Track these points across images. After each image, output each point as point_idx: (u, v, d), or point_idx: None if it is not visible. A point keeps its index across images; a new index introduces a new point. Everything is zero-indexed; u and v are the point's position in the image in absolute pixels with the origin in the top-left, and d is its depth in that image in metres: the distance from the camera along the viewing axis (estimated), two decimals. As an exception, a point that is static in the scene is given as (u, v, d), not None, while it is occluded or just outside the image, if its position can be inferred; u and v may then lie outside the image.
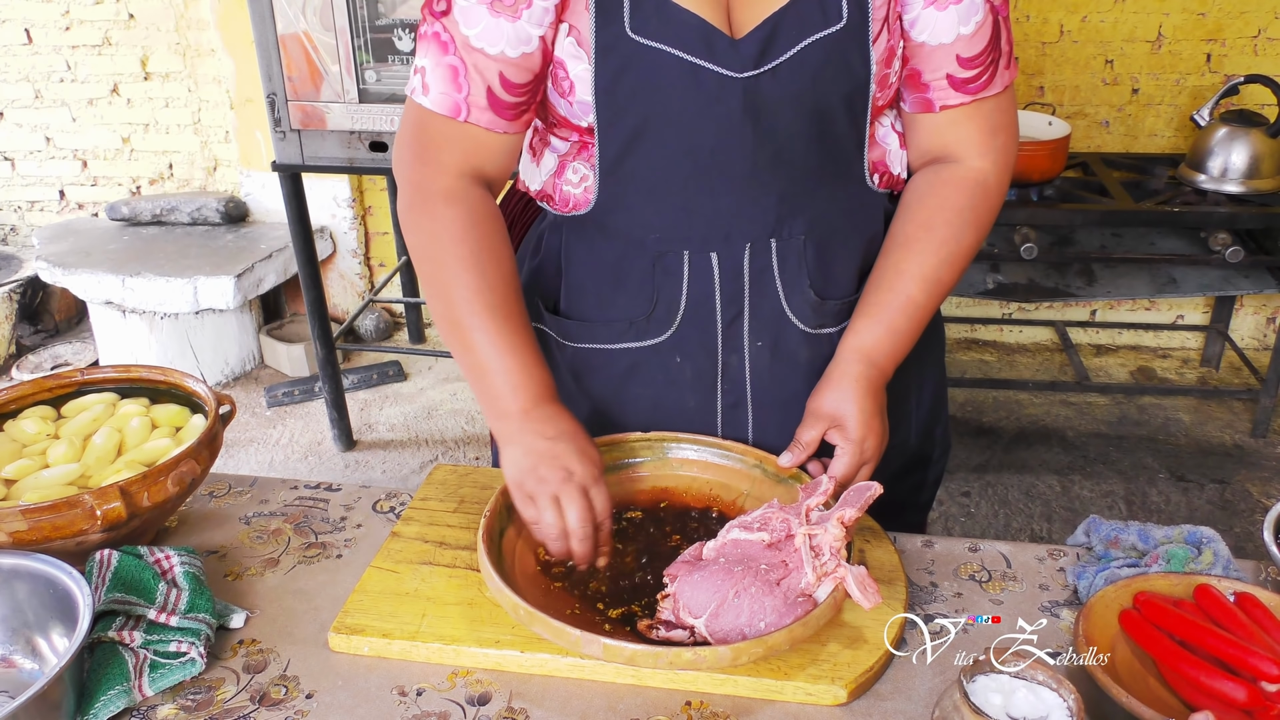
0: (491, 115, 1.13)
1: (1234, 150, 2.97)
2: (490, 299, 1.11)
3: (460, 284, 1.12)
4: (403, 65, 2.70)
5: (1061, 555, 1.16)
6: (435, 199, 1.14)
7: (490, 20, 1.08)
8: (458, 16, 1.09)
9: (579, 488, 1.07)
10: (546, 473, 1.07)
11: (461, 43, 1.10)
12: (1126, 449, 3.27)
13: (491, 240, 1.14)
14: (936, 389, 1.37)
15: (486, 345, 1.11)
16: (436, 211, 1.14)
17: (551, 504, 1.06)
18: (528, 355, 1.12)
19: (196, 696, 0.97)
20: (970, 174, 1.18)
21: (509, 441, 1.11)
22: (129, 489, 1.07)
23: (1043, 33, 3.44)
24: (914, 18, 1.12)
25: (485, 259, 1.13)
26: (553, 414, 1.12)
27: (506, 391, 1.11)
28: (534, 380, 1.12)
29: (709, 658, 0.95)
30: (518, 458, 1.09)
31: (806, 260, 1.18)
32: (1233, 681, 0.89)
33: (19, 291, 3.91)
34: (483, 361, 1.11)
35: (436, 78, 1.12)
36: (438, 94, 1.12)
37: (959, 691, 0.83)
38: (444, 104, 1.12)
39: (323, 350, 3.20)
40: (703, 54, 1.08)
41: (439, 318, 1.16)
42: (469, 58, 1.10)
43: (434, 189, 1.15)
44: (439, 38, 1.11)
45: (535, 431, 1.09)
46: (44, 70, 4.02)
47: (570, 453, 1.08)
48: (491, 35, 1.09)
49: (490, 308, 1.11)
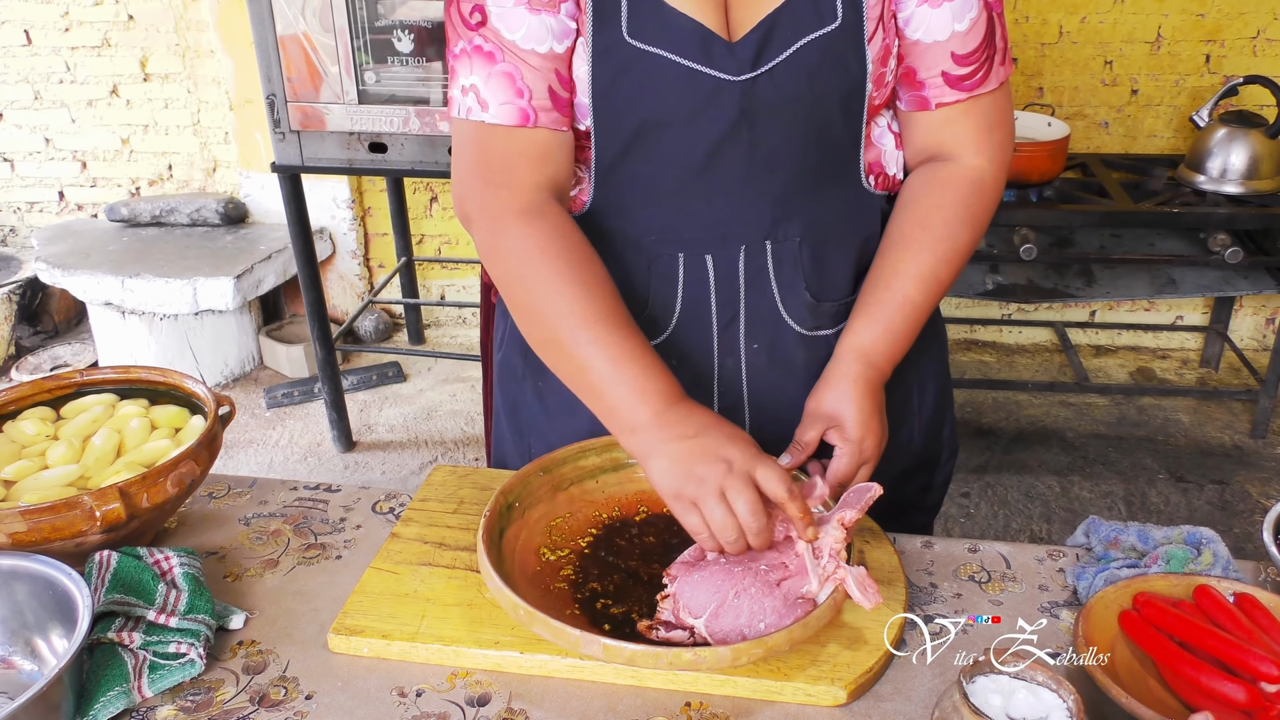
0: (556, 114, 1.10)
1: (1233, 151, 2.97)
2: (591, 309, 1.06)
3: (557, 301, 1.07)
4: (402, 66, 2.70)
5: (1061, 556, 1.16)
6: (513, 220, 1.09)
7: (533, 19, 1.07)
8: (497, 24, 1.07)
9: (742, 474, 0.98)
10: (704, 470, 0.99)
11: (510, 48, 1.07)
12: (1126, 450, 3.27)
13: (582, 250, 1.10)
14: (940, 390, 1.36)
15: (598, 357, 1.05)
16: (518, 231, 1.09)
17: (719, 501, 0.98)
18: (646, 359, 1.06)
19: (196, 698, 0.97)
20: (967, 172, 1.18)
21: (650, 455, 1.03)
22: (128, 490, 1.07)
23: (1042, 34, 3.44)
24: (908, 15, 1.12)
25: (580, 270, 1.08)
26: (687, 412, 1.05)
27: (631, 402, 1.04)
28: (657, 383, 1.05)
29: (709, 658, 0.95)
30: (666, 468, 1.01)
31: (802, 262, 1.18)
32: (1232, 682, 0.89)
33: (18, 293, 3.91)
34: (597, 377, 1.06)
35: (493, 90, 1.08)
36: (499, 105, 1.08)
37: (958, 692, 0.83)
38: (509, 115, 1.09)
39: (322, 351, 3.20)
40: (699, 58, 1.08)
41: (540, 343, 1.11)
42: (521, 61, 1.07)
43: (511, 210, 1.10)
44: (481, 50, 1.08)
45: (676, 434, 1.02)
46: (43, 71, 4.02)
47: (721, 442, 1.01)
48: (538, 33, 1.07)
49: (595, 318, 1.06)
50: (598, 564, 1.12)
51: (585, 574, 1.10)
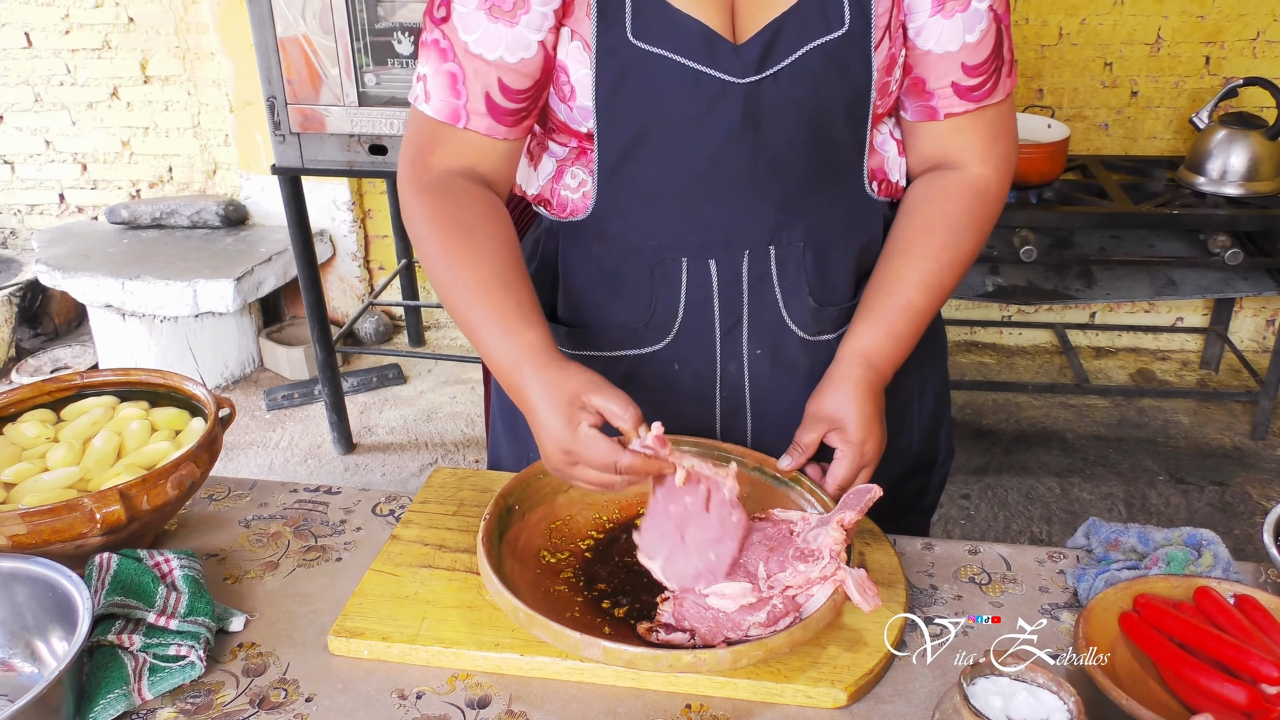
0: (490, 121, 1.13)
1: (1233, 152, 2.97)
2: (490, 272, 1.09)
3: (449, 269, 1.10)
4: (402, 69, 2.70)
5: (1061, 558, 1.16)
6: (429, 192, 1.14)
7: (489, 25, 1.08)
8: (456, 23, 1.09)
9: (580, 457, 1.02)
10: (555, 465, 1.04)
11: (460, 49, 1.10)
12: (1126, 451, 3.27)
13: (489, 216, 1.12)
14: (939, 393, 1.37)
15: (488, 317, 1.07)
16: (431, 200, 1.13)
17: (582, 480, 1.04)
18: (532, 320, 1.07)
19: (196, 700, 0.97)
20: (971, 180, 1.18)
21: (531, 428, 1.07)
22: (128, 492, 1.07)
23: (1042, 35, 3.44)
24: (919, 26, 1.12)
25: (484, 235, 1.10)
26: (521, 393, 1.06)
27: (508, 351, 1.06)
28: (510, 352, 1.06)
29: (709, 660, 0.95)
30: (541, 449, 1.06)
31: (805, 267, 1.18)
32: (1233, 684, 0.89)
33: (19, 295, 3.91)
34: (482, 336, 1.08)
35: (436, 85, 1.12)
36: (437, 100, 1.12)
37: (959, 694, 0.83)
38: (443, 110, 1.13)
39: (322, 353, 3.20)
40: (704, 59, 1.08)
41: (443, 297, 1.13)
42: (468, 64, 1.10)
43: (425, 182, 1.14)
44: (438, 45, 1.11)
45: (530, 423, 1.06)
46: (44, 74, 4.02)
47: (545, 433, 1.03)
48: (490, 41, 1.09)
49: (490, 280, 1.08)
50: (598, 566, 1.12)
51: (585, 576, 1.10)
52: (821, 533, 1.04)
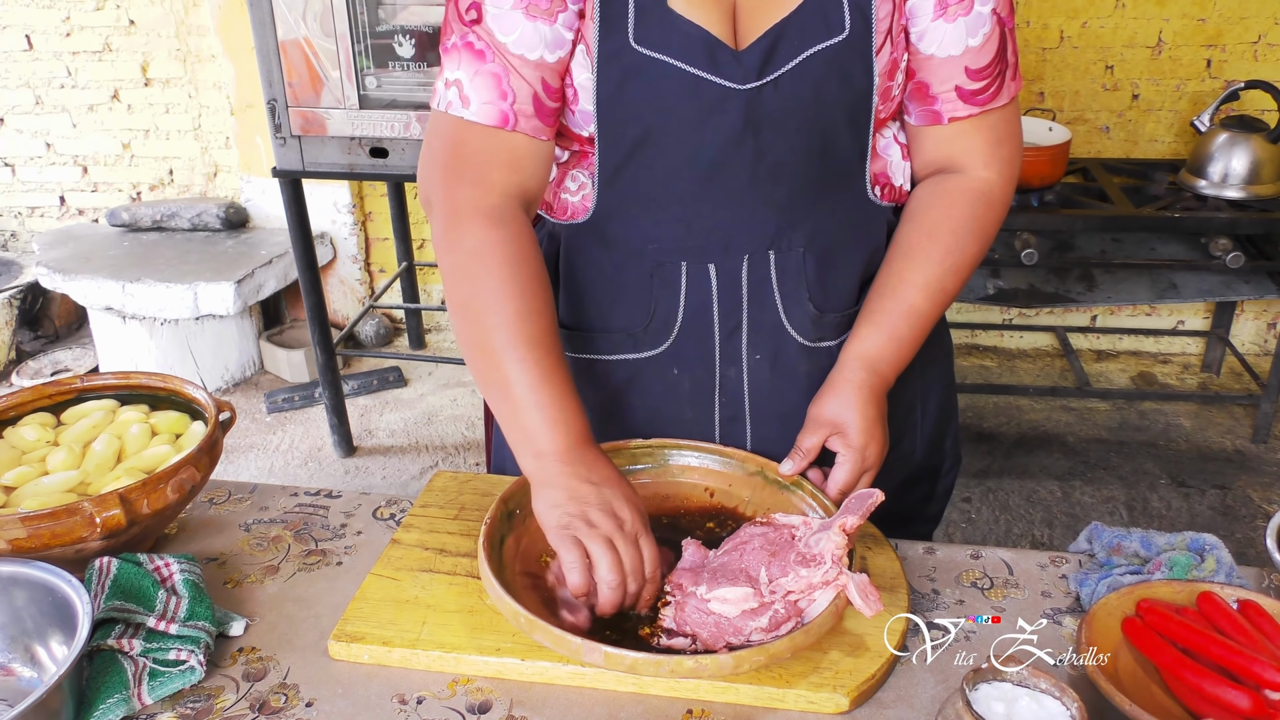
0: (537, 122, 1.10)
1: (1234, 155, 2.97)
2: (530, 331, 1.06)
3: (500, 310, 1.06)
4: (403, 71, 2.70)
5: (1064, 562, 1.15)
6: (478, 220, 1.09)
7: (527, 25, 1.07)
8: (491, 24, 1.08)
9: (631, 537, 1.01)
10: (598, 519, 1.00)
11: (500, 49, 1.08)
12: (1127, 454, 3.27)
13: (534, 270, 1.10)
14: (944, 401, 1.36)
15: (523, 379, 1.05)
16: (479, 233, 1.09)
17: (608, 549, 0.99)
18: (565, 394, 1.07)
19: (196, 705, 0.97)
20: (975, 184, 1.18)
21: (547, 484, 1.04)
22: (128, 496, 1.07)
23: (1043, 38, 3.44)
24: (922, 30, 1.12)
25: (527, 288, 1.08)
26: (594, 459, 1.06)
27: (544, 430, 1.05)
28: (573, 421, 1.06)
29: (710, 666, 0.94)
30: (560, 501, 1.02)
31: (806, 273, 1.18)
32: (1236, 689, 0.89)
33: (19, 297, 3.91)
34: (518, 395, 1.06)
35: (478, 87, 1.09)
36: (480, 104, 1.09)
37: (961, 699, 0.83)
38: (490, 114, 1.09)
39: (323, 356, 3.20)
40: (705, 65, 1.08)
41: (470, 344, 1.10)
42: (511, 64, 1.08)
43: (478, 209, 1.10)
44: (473, 47, 1.09)
45: (578, 475, 1.03)
46: (45, 76, 4.02)
47: (619, 499, 1.03)
48: (531, 40, 1.07)
49: (530, 340, 1.06)
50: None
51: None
52: (823, 537, 1.04)
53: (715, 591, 1.01)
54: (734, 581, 1.02)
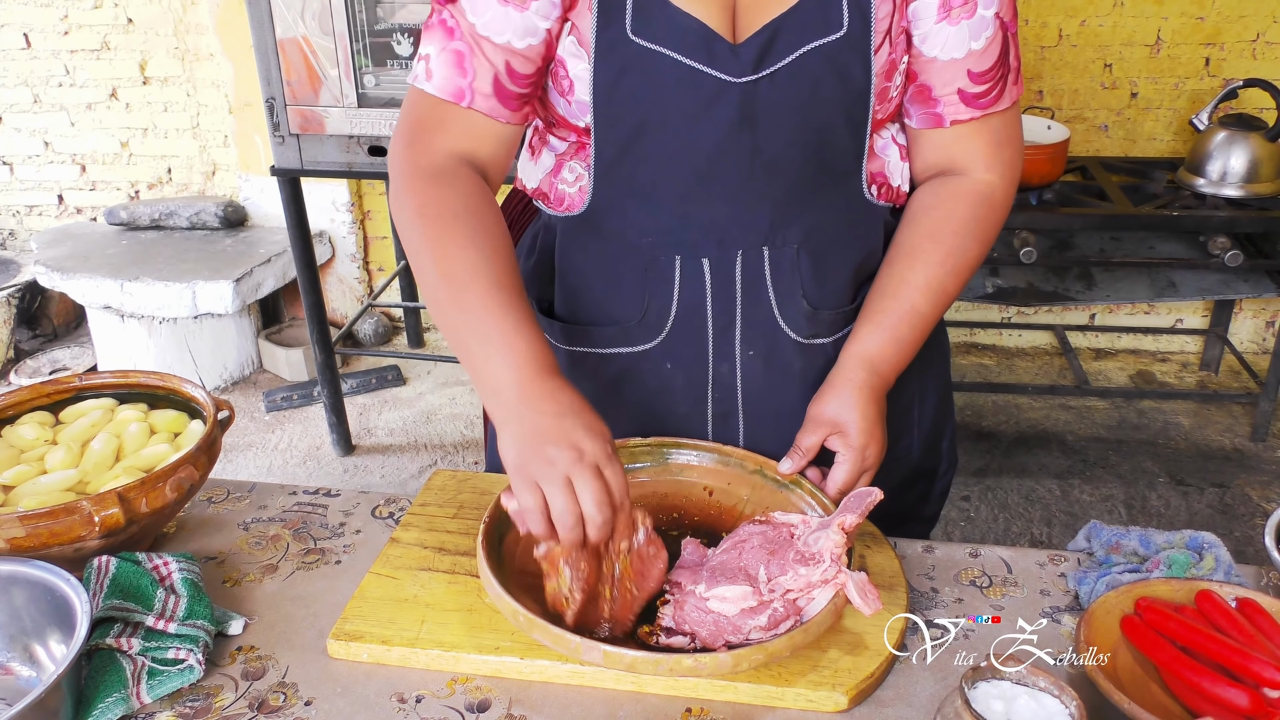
0: (495, 103, 1.11)
1: (1233, 154, 2.97)
2: (478, 271, 1.05)
3: (449, 253, 1.06)
4: (402, 70, 2.70)
5: (1063, 560, 1.16)
6: (423, 176, 1.11)
7: (498, 9, 1.08)
8: (465, 4, 1.09)
9: (592, 466, 0.95)
10: (554, 453, 0.95)
11: (468, 29, 1.09)
12: (1126, 453, 3.27)
13: (481, 217, 1.09)
14: (940, 402, 1.36)
15: (476, 319, 1.03)
16: (421, 189, 1.10)
17: (563, 487, 0.94)
18: (525, 328, 1.03)
19: (195, 703, 0.97)
20: (977, 186, 1.18)
21: (506, 422, 1.00)
22: (127, 495, 1.07)
23: (1041, 37, 3.44)
24: (925, 33, 1.12)
25: (477, 229, 1.08)
26: (554, 388, 1.01)
27: (501, 365, 1.01)
28: (532, 352, 1.02)
29: (709, 664, 0.94)
30: (518, 437, 0.98)
31: (800, 270, 1.18)
32: (1235, 687, 0.89)
33: (17, 296, 3.91)
34: (473, 334, 1.03)
35: (441, 63, 1.11)
36: (441, 79, 1.11)
37: (960, 698, 0.83)
38: (447, 88, 1.11)
39: (321, 355, 3.20)
40: (702, 58, 1.08)
41: (427, 292, 1.08)
42: (476, 45, 1.09)
43: (422, 165, 1.11)
44: (445, 24, 1.10)
45: (536, 409, 0.99)
46: (43, 75, 4.02)
47: (578, 428, 0.97)
48: (499, 24, 1.08)
49: (478, 280, 1.04)
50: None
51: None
52: (822, 536, 1.04)
53: (714, 590, 1.01)
54: (733, 580, 1.02)
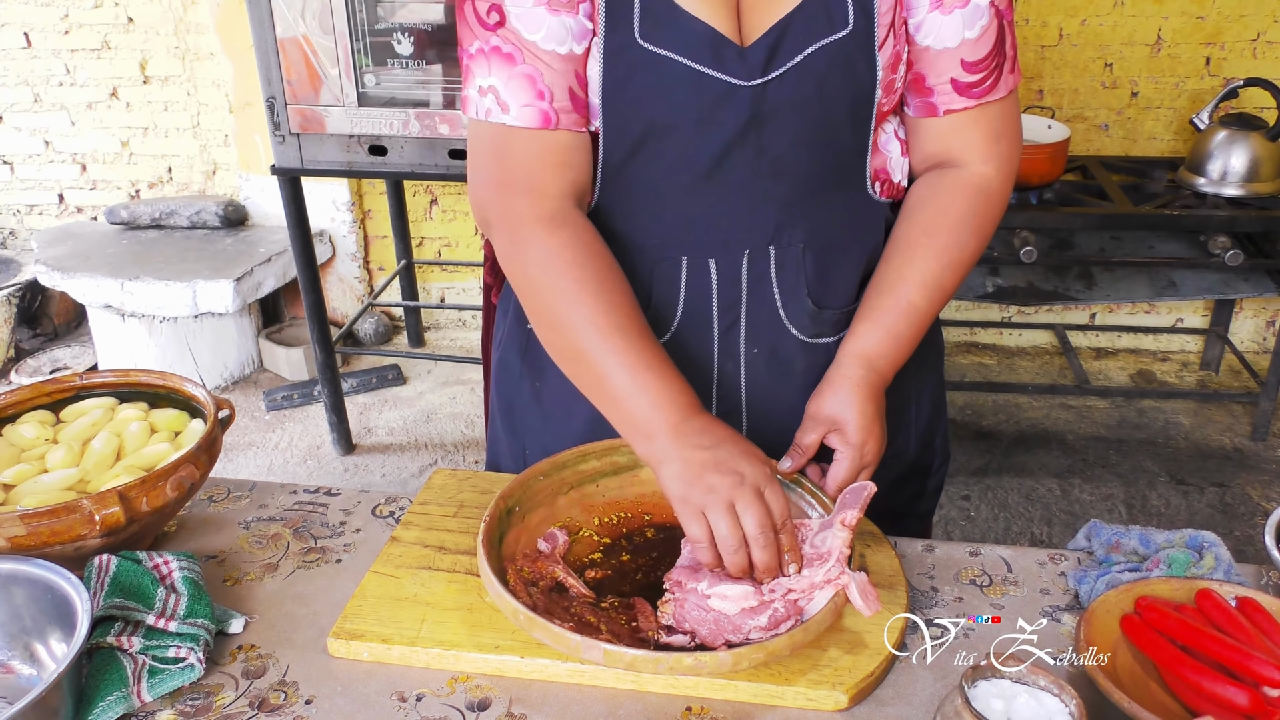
0: (576, 115, 1.11)
1: (1233, 153, 2.97)
2: (615, 320, 1.07)
3: (580, 310, 1.07)
4: (402, 69, 2.70)
5: (1062, 560, 1.16)
6: (537, 227, 1.10)
7: (552, 20, 1.07)
8: (516, 25, 1.07)
9: (753, 490, 0.99)
10: (715, 480, 1.00)
11: (531, 48, 1.08)
12: (1126, 452, 3.27)
13: (604, 260, 1.10)
14: (935, 398, 1.36)
15: (618, 368, 1.06)
16: (540, 240, 1.09)
17: (726, 513, 0.98)
18: (665, 371, 1.07)
19: (195, 702, 0.97)
20: (973, 179, 1.18)
21: (664, 461, 1.04)
22: (128, 494, 1.07)
23: (1042, 36, 3.44)
24: (919, 22, 1.12)
25: (603, 281, 1.09)
26: (705, 424, 1.05)
27: (650, 411, 1.05)
28: (678, 394, 1.06)
29: (709, 663, 0.94)
30: (678, 473, 1.02)
31: (805, 269, 1.18)
32: (1235, 686, 0.89)
33: (18, 295, 3.91)
34: (617, 385, 1.06)
35: (514, 92, 1.08)
36: (520, 108, 1.09)
37: (960, 697, 0.83)
38: (531, 117, 1.09)
39: (322, 354, 3.20)
40: (710, 62, 1.08)
41: (558, 350, 1.12)
42: (544, 62, 1.08)
43: (534, 218, 1.10)
44: (500, 51, 1.08)
45: (692, 444, 1.03)
46: (43, 74, 4.02)
47: (735, 456, 1.02)
48: (558, 34, 1.07)
49: (616, 329, 1.07)
50: (598, 569, 1.12)
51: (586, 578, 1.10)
52: (828, 535, 1.04)
53: (715, 589, 1.01)
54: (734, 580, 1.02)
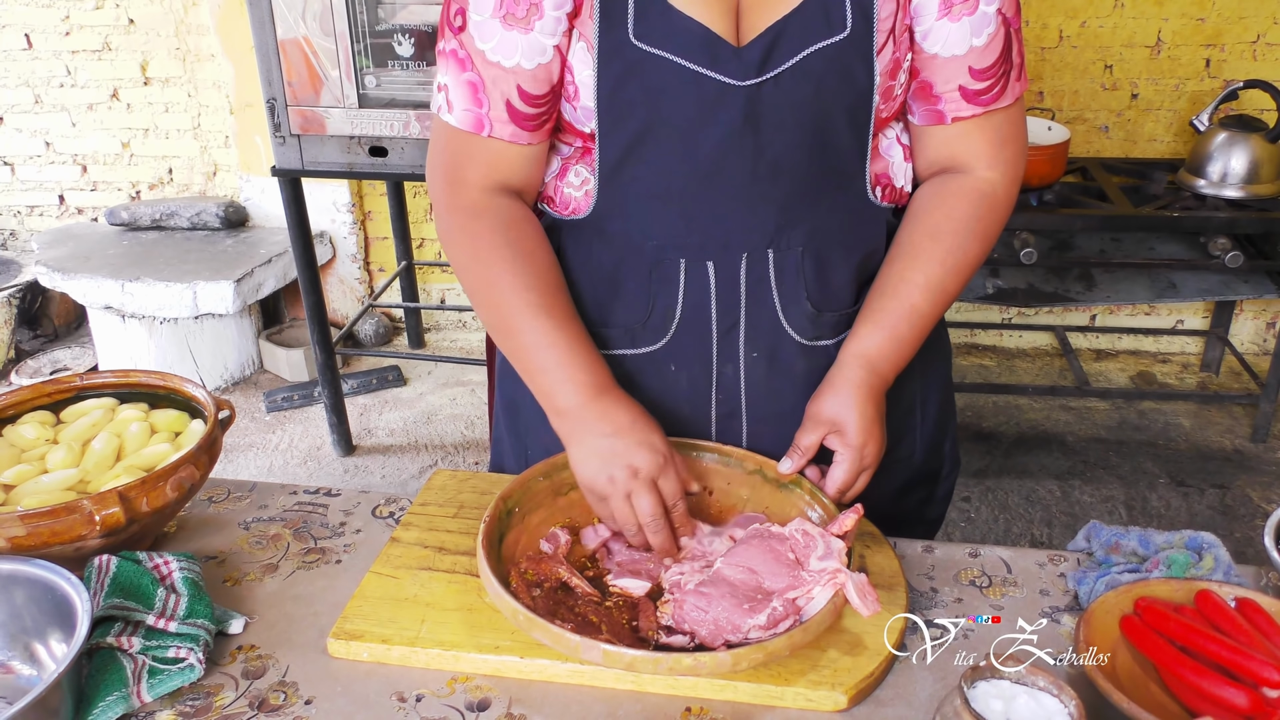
0: (513, 128, 1.14)
1: (1233, 155, 2.97)
2: (531, 296, 1.13)
3: (502, 287, 1.14)
4: (402, 70, 2.70)
5: (1062, 560, 1.16)
6: (464, 214, 1.17)
7: (504, 33, 1.10)
8: (473, 31, 1.11)
9: (647, 482, 1.08)
10: (615, 472, 1.08)
11: (478, 57, 1.11)
12: (1126, 454, 3.27)
13: (526, 240, 1.16)
14: (942, 404, 1.35)
15: (535, 343, 1.13)
16: (467, 225, 1.17)
17: (624, 502, 1.08)
18: (578, 348, 1.13)
19: (195, 702, 0.97)
20: (979, 185, 1.18)
21: (571, 440, 1.12)
22: (128, 494, 1.07)
23: (1042, 38, 3.44)
24: (926, 30, 1.12)
25: (522, 259, 1.15)
26: (608, 407, 1.12)
27: (560, 388, 1.12)
28: (587, 373, 1.13)
29: (709, 664, 0.94)
30: (584, 458, 1.11)
31: (804, 272, 1.18)
32: (1234, 687, 0.89)
33: (18, 296, 3.91)
34: (534, 361, 1.14)
35: (458, 95, 1.14)
36: (460, 111, 1.14)
37: (959, 697, 0.83)
38: (467, 120, 1.14)
39: (322, 355, 3.20)
40: (705, 62, 1.08)
41: (491, 328, 1.18)
42: (487, 72, 1.12)
43: (462, 205, 1.17)
44: (456, 55, 1.13)
45: (594, 430, 1.11)
46: (44, 75, 4.02)
47: (631, 447, 1.09)
48: (507, 48, 1.10)
49: (532, 305, 1.13)
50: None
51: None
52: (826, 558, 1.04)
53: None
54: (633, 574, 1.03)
